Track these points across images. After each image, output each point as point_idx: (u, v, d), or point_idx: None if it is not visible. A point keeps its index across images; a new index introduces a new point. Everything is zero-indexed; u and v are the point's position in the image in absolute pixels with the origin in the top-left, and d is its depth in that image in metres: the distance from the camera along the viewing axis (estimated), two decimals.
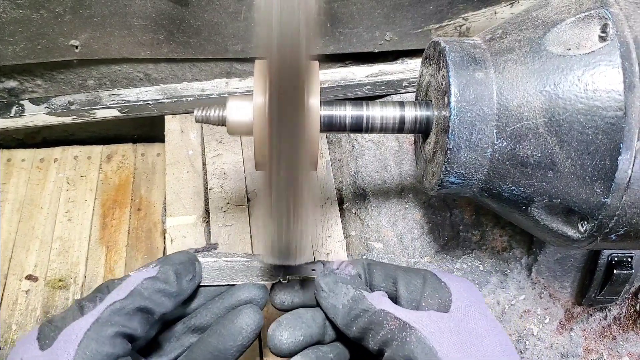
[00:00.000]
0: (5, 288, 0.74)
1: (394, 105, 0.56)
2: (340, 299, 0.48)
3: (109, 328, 0.41)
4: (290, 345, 0.47)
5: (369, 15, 0.80)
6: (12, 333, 0.70)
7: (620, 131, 0.44)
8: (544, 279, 0.72)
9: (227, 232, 0.74)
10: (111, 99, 0.85)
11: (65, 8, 0.74)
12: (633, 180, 0.44)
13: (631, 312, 0.73)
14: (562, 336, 0.71)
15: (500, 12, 0.83)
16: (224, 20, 0.78)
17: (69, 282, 0.74)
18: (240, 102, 0.53)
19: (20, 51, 0.77)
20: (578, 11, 0.48)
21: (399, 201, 0.77)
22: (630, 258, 0.65)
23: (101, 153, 0.88)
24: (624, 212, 0.46)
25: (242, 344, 0.47)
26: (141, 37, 0.79)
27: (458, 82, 0.50)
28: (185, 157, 0.81)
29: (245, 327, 0.47)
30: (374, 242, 0.75)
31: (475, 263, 0.74)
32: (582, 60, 0.46)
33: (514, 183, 0.51)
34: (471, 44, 0.54)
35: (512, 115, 0.49)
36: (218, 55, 0.82)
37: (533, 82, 0.48)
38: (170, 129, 0.84)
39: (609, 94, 0.44)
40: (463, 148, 0.51)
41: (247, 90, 0.85)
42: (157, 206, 0.83)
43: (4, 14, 0.73)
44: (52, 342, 0.41)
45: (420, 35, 0.84)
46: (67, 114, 0.84)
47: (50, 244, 0.78)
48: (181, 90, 0.85)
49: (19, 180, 0.84)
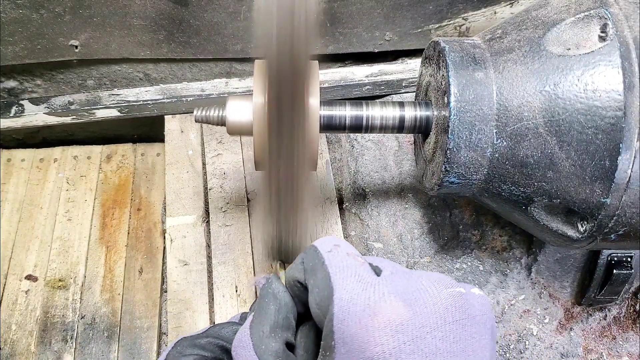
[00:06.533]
0: (5, 288, 0.74)
1: (394, 105, 0.56)
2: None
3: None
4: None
5: (369, 15, 0.80)
6: (12, 333, 0.70)
7: (619, 131, 0.44)
8: (543, 279, 0.72)
9: (226, 232, 0.74)
10: (111, 99, 0.85)
11: (65, 8, 0.74)
12: (633, 180, 0.44)
13: (631, 312, 0.73)
14: (561, 336, 0.71)
15: (500, 12, 0.83)
16: (224, 20, 0.78)
17: (69, 282, 0.74)
18: (240, 102, 0.53)
19: (20, 51, 0.77)
20: (578, 11, 0.48)
21: (399, 201, 0.77)
22: (629, 258, 0.65)
23: (101, 153, 0.88)
24: (623, 212, 0.46)
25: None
26: (141, 37, 0.79)
27: (458, 82, 0.50)
28: (185, 157, 0.81)
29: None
30: (373, 242, 0.75)
31: (475, 263, 0.74)
32: (582, 60, 0.46)
33: (514, 183, 0.51)
34: (471, 44, 0.54)
35: (511, 115, 0.49)
36: (218, 55, 0.82)
37: (533, 82, 0.48)
38: (170, 129, 0.84)
39: (608, 94, 0.44)
40: (463, 148, 0.51)
41: (246, 90, 0.85)
42: (157, 206, 0.83)
43: (4, 14, 0.73)
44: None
45: (420, 35, 0.84)
46: (66, 114, 0.84)
47: (50, 244, 0.78)
48: (181, 90, 0.85)
49: (18, 180, 0.84)
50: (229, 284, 0.71)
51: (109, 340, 0.70)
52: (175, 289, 0.70)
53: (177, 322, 0.68)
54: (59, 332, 0.70)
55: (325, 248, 0.35)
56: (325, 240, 0.36)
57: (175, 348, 0.39)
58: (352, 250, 0.36)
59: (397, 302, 0.31)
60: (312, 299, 0.34)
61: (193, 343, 0.39)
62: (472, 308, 0.32)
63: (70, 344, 0.70)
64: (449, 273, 0.73)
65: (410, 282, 0.33)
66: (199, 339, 0.39)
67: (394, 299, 0.31)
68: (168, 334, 0.69)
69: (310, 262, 0.35)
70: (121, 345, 0.70)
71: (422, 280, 0.33)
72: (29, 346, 0.69)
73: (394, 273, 0.34)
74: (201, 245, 0.74)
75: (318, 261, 0.34)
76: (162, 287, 0.75)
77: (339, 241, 0.37)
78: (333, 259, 0.34)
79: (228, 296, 0.70)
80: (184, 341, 0.40)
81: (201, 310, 0.69)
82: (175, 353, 0.39)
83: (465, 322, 0.31)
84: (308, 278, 0.35)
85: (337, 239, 0.37)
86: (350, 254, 0.35)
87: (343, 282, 0.32)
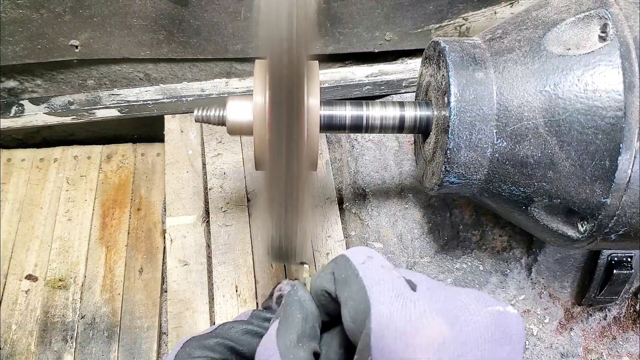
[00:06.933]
0: (5, 288, 0.74)
1: (394, 105, 0.56)
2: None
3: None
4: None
5: (369, 15, 0.80)
6: (12, 333, 0.70)
7: (620, 131, 0.44)
8: (543, 279, 0.72)
9: (227, 232, 0.74)
10: (111, 98, 0.85)
11: (65, 8, 0.74)
12: (633, 180, 0.44)
13: (631, 312, 0.73)
14: (561, 336, 0.71)
15: (500, 12, 0.83)
16: (224, 20, 0.78)
17: (69, 282, 0.74)
18: (240, 102, 0.53)
19: (20, 51, 0.77)
20: (578, 11, 0.48)
21: (399, 201, 0.77)
22: (630, 258, 0.65)
23: (101, 153, 0.88)
24: (623, 212, 0.46)
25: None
26: (141, 37, 0.79)
27: (458, 82, 0.50)
28: (185, 157, 0.81)
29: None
30: (373, 242, 0.75)
31: (475, 263, 0.74)
32: (582, 60, 0.46)
33: (514, 183, 0.51)
34: (471, 44, 0.54)
35: (512, 115, 0.49)
36: (218, 55, 0.82)
37: (533, 82, 0.48)
38: (169, 129, 0.84)
39: (608, 94, 0.44)
40: (463, 148, 0.51)
41: (246, 90, 0.85)
42: (157, 206, 0.83)
43: (4, 14, 0.73)
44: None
45: (420, 35, 0.84)
46: (67, 113, 0.84)
47: (50, 244, 0.78)
48: (181, 90, 0.85)
49: (19, 180, 0.84)
50: (229, 284, 0.71)
51: (109, 340, 0.70)
52: (176, 289, 0.70)
53: (177, 322, 0.68)
54: (59, 332, 0.70)
55: (359, 259, 0.34)
56: (358, 251, 0.35)
57: (184, 349, 0.39)
58: (386, 262, 0.35)
59: (438, 320, 0.31)
60: (345, 312, 0.33)
61: (202, 344, 0.39)
62: (509, 327, 0.32)
63: (71, 344, 0.70)
64: (449, 273, 0.73)
65: (448, 299, 0.33)
66: (207, 339, 0.39)
67: (436, 317, 0.31)
68: (168, 334, 0.69)
69: (342, 274, 0.34)
70: (121, 345, 0.70)
71: (462, 296, 0.33)
72: (29, 346, 0.69)
73: (430, 289, 0.34)
74: (201, 245, 0.74)
75: (351, 273, 0.33)
76: (162, 287, 0.75)
77: (372, 252, 0.36)
78: (368, 272, 0.33)
79: (228, 296, 0.70)
80: (192, 341, 0.39)
81: (201, 310, 0.69)
82: (184, 355, 0.39)
83: (504, 342, 0.31)
84: (340, 290, 0.34)
85: (370, 250, 0.36)
86: (384, 267, 0.34)
87: (380, 297, 0.32)
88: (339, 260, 0.35)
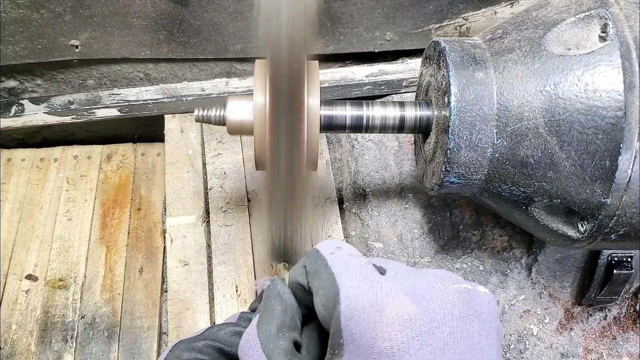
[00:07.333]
0: (5, 288, 0.74)
1: (394, 105, 0.56)
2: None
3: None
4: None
5: (369, 15, 0.80)
6: (12, 333, 0.70)
7: (620, 131, 0.44)
8: (544, 279, 0.72)
9: (227, 232, 0.74)
10: (111, 98, 0.85)
11: (65, 8, 0.74)
12: (633, 180, 0.44)
13: (631, 312, 0.73)
14: (562, 336, 0.71)
15: (500, 12, 0.83)
16: (224, 20, 0.78)
17: (69, 282, 0.74)
18: (240, 102, 0.53)
19: (20, 51, 0.77)
20: (578, 11, 0.48)
21: (399, 201, 0.77)
22: (630, 258, 0.65)
23: (101, 153, 0.88)
24: (623, 212, 0.46)
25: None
26: (141, 37, 0.79)
27: (458, 82, 0.50)
28: (185, 157, 0.81)
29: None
30: (374, 241, 0.75)
31: (475, 263, 0.74)
32: (582, 60, 0.46)
33: (514, 183, 0.51)
34: (471, 44, 0.54)
35: (512, 115, 0.49)
36: (218, 55, 0.82)
37: (533, 82, 0.48)
38: (170, 129, 0.84)
39: (609, 94, 0.44)
40: (463, 148, 0.51)
41: (247, 89, 0.85)
42: (157, 206, 0.83)
43: (4, 14, 0.73)
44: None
45: (421, 35, 0.84)
46: (67, 113, 0.84)
47: (50, 244, 0.78)
48: (181, 89, 0.85)
49: (19, 180, 0.84)
50: (230, 284, 0.71)
51: (109, 340, 0.70)
52: (176, 289, 0.70)
53: (177, 322, 0.68)
54: (59, 331, 0.70)
55: (328, 250, 0.35)
56: (327, 243, 0.36)
57: (173, 352, 0.39)
58: (355, 251, 0.36)
59: (404, 298, 0.31)
60: (317, 301, 0.34)
61: (190, 346, 0.39)
62: (479, 305, 0.32)
63: (71, 344, 0.70)
64: None
65: (416, 279, 0.33)
66: (196, 342, 0.39)
67: (401, 294, 0.31)
68: (168, 334, 0.69)
69: (312, 265, 0.35)
70: (121, 345, 0.70)
71: (428, 276, 0.33)
72: (29, 346, 0.69)
73: (399, 272, 0.34)
74: (201, 245, 0.74)
75: (321, 263, 0.34)
76: (162, 287, 0.75)
77: (341, 244, 0.36)
78: (336, 261, 0.34)
79: (228, 296, 0.70)
80: (181, 344, 0.40)
81: (201, 310, 0.69)
82: (173, 357, 0.39)
83: (472, 319, 0.31)
84: (312, 281, 0.35)
85: (339, 242, 0.37)
86: (352, 255, 0.35)
87: (348, 281, 0.32)
88: (310, 253, 0.36)
